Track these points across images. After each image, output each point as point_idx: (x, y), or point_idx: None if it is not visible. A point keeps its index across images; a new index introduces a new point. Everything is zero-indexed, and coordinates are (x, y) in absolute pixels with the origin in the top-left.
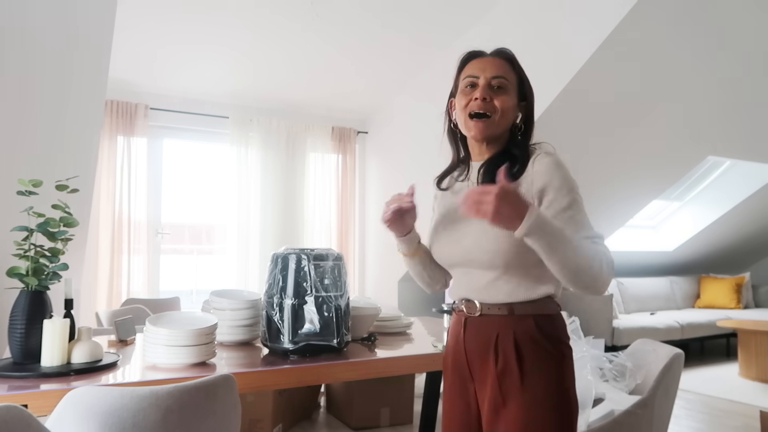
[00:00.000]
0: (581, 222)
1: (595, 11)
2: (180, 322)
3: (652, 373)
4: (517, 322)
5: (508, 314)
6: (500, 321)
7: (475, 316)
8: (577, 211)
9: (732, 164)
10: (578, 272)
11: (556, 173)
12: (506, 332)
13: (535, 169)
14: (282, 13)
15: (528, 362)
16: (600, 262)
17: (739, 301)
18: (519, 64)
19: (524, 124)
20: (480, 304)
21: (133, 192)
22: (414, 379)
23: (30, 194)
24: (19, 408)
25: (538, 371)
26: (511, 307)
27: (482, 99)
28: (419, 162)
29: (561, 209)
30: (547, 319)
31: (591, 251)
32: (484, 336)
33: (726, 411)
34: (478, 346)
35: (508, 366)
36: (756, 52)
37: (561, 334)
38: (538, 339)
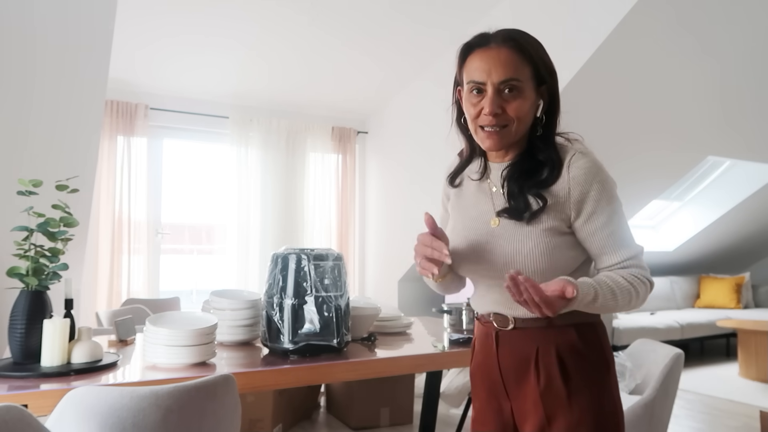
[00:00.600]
0: (621, 238)
1: (594, 12)
2: (180, 322)
3: (652, 373)
4: (558, 334)
5: (546, 326)
6: (538, 334)
7: (507, 329)
8: (617, 225)
9: (732, 164)
10: (615, 310)
11: (594, 180)
12: (547, 346)
13: (572, 174)
14: (282, 14)
15: (574, 378)
16: (638, 295)
17: (739, 301)
18: (531, 45)
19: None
20: (513, 318)
21: (133, 192)
22: (414, 379)
23: (30, 194)
24: (19, 408)
25: (586, 386)
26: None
27: (493, 114)
28: (419, 162)
29: (600, 225)
30: (589, 328)
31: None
32: (522, 351)
33: (726, 411)
34: (515, 362)
35: (552, 383)
36: (757, 52)
37: (604, 342)
38: (582, 350)
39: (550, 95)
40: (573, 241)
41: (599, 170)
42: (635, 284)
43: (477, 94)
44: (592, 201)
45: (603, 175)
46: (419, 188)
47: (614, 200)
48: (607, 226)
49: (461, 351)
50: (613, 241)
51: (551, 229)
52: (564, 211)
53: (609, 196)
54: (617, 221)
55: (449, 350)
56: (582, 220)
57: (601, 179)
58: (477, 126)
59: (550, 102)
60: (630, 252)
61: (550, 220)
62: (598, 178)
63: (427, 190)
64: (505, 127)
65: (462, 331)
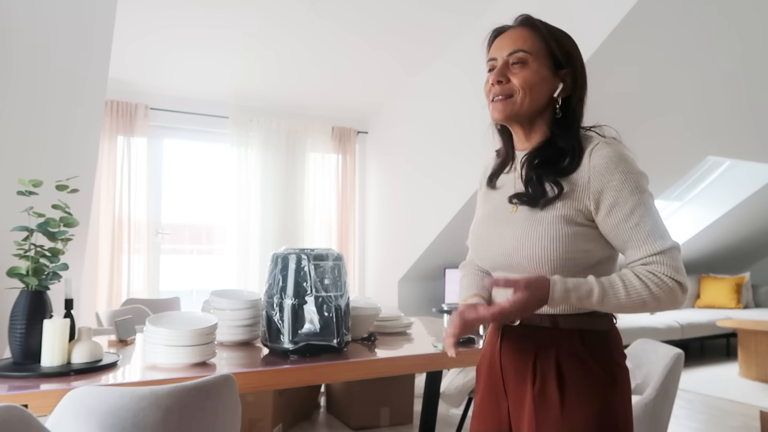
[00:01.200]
0: (648, 232)
1: (593, 14)
2: (180, 322)
3: (652, 373)
4: (561, 338)
5: (551, 327)
6: (542, 335)
7: (514, 325)
8: (643, 216)
9: (732, 164)
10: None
11: (617, 170)
12: (547, 349)
13: (592, 164)
14: (282, 13)
15: (570, 386)
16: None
17: (739, 301)
18: (546, 26)
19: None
20: None
21: (133, 192)
22: (414, 379)
23: (30, 194)
24: (19, 408)
25: (582, 397)
26: (555, 319)
27: (496, 82)
28: (419, 162)
29: (624, 217)
30: (597, 336)
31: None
32: (523, 351)
33: (726, 411)
34: (514, 361)
35: (546, 389)
36: (756, 52)
37: (614, 353)
38: (584, 358)
39: (573, 80)
40: (591, 234)
41: (623, 160)
42: (652, 284)
43: (490, 72)
44: (613, 191)
45: (628, 165)
46: (419, 188)
47: (640, 192)
48: (630, 218)
49: (461, 351)
50: (637, 234)
51: (564, 217)
52: (582, 201)
53: (633, 186)
54: (643, 213)
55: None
56: (603, 213)
57: (624, 169)
58: (489, 102)
59: (574, 89)
60: (656, 247)
61: (565, 208)
62: (621, 167)
63: (427, 190)
64: (510, 97)
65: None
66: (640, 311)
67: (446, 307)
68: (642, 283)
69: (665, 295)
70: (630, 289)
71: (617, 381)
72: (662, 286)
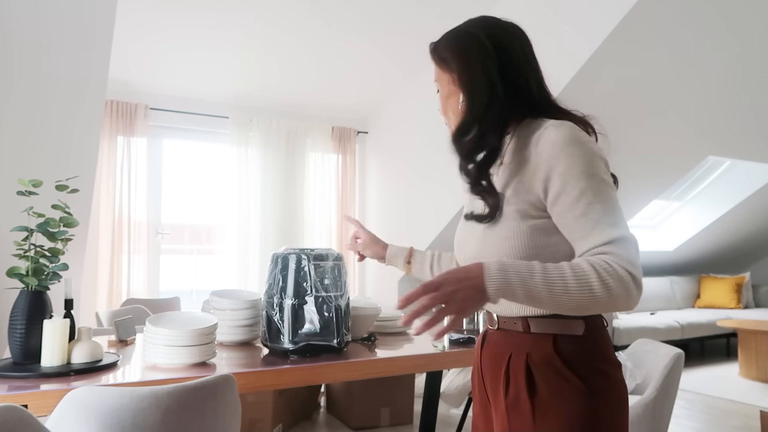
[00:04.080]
0: (595, 220)
1: (593, 13)
2: (180, 322)
3: (652, 373)
4: (533, 342)
5: (523, 331)
6: (514, 339)
7: (493, 329)
8: (590, 204)
9: (732, 164)
10: (583, 308)
11: (561, 154)
12: (519, 354)
13: (539, 150)
14: (282, 13)
15: (542, 395)
16: (605, 286)
17: (739, 301)
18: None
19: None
20: (497, 317)
21: (133, 192)
22: (414, 379)
23: (30, 194)
24: (19, 408)
25: (555, 407)
26: (527, 322)
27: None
28: (419, 162)
29: (570, 204)
30: (572, 341)
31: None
32: (498, 355)
33: (726, 411)
34: (491, 366)
35: (518, 397)
36: (756, 52)
37: (593, 360)
38: (557, 366)
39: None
40: (551, 226)
41: (570, 143)
42: (602, 270)
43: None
44: (559, 177)
45: (575, 148)
46: (419, 188)
47: (588, 177)
48: (577, 205)
49: (461, 351)
50: (583, 223)
51: (519, 212)
52: (532, 191)
53: (580, 171)
54: (591, 200)
55: (449, 350)
56: (551, 201)
57: (571, 152)
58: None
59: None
60: (604, 237)
61: (518, 203)
62: (567, 151)
63: (426, 190)
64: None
65: (462, 331)
66: (590, 304)
67: None
68: (592, 267)
69: (617, 285)
70: (578, 272)
71: (598, 389)
72: (613, 274)
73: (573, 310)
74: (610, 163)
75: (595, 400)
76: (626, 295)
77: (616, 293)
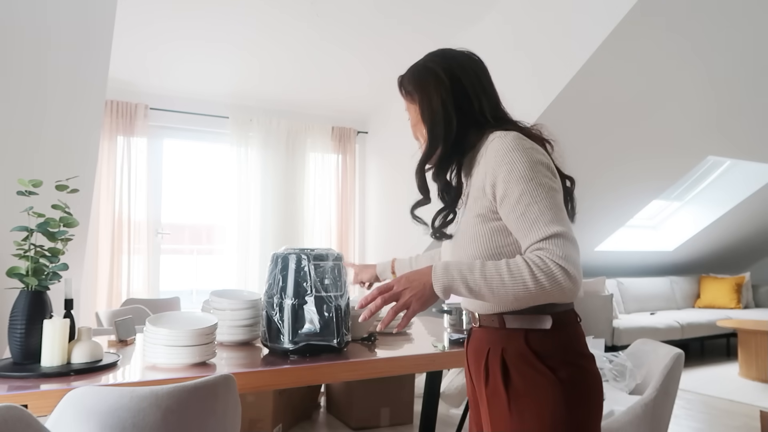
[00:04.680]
0: (532, 220)
1: (594, 12)
2: (180, 322)
3: (652, 373)
4: (507, 337)
5: (499, 327)
6: (492, 335)
7: (476, 327)
8: (528, 205)
9: (732, 164)
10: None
11: (504, 161)
12: (496, 348)
13: (486, 159)
14: (282, 13)
15: (516, 386)
16: (536, 280)
17: (739, 301)
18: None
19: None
20: (478, 315)
21: (133, 192)
22: (414, 379)
23: (30, 194)
24: (19, 408)
25: (528, 396)
26: (502, 318)
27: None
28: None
29: (511, 206)
30: (542, 335)
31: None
32: (479, 351)
33: (726, 411)
34: (475, 361)
35: (497, 388)
36: (756, 52)
37: (565, 353)
38: (529, 359)
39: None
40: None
41: (511, 150)
42: (534, 266)
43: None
44: (502, 182)
45: (515, 154)
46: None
47: (527, 180)
48: (517, 207)
49: (461, 351)
50: (523, 222)
51: (479, 216)
52: (486, 196)
53: (520, 175)
54: (528, 201)
55: (449, 350)
56: (498, 204)
57: (512, 159)
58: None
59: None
60: (540, 234)
61: (477, 207)
62: (508, 158)
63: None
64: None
65: (462, 331)
66: (526, 296)
67: (446, 307)
68: (525, 263)
69: (547, 279)
70: (513, 269)
71: (569, 380)
72: (545, 269)
73: (513, 303)
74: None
75: (567, 390)
76: (558, 288)
77: (548, 286)
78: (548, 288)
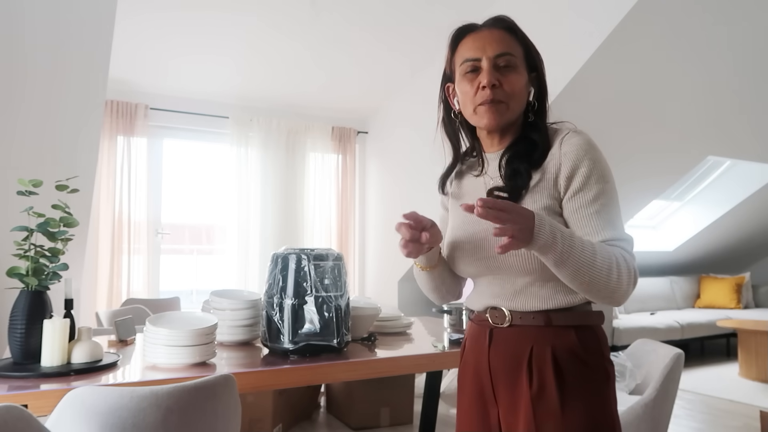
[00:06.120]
0: (608, 219)
1: (594, 12)
2: (180, 322)
3: (652, 373)
4: (556, 335)
5: (544, 325)
6: (534, 333)
7: (503, 327)
8: (604, 205)
9: (732, 164)
10: (593, 284)
11: (586, 156)
12: (542, 347)
13: (563, 150)
14: (282, 13)
15: (569, 384)
16: (619, 272)
17: (739, 301)
18: (521, 30)
19: (537, 99)
20: (510, 313)
21: (133, 192)
22: (414, 379)
23: (30, 194)
24: (19, 408)
25: (582, 396)
26: (548, 316)
27: (491, 86)
28: (419, 162)
29: (587, 202)
30: (590, 332)
31: (609, 260)
32: (515, 351)
33: (726, 411)
34: (506, 363)
35: (545, 388)
36: (756, 52)
37: (604, 349)
38: (581, 355)
39: (539, 86)
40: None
41: (592, 148)
42: (618, 254)
43: (473, 74)
44: (581, 176)
45: (597, 153)
46: (419, 188)
47: (606, 181)
48: (594, 204)
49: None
50: (598, 219)
51: (546, 208)
52: (556, 188)
53: (601, 174)
54: (606, 202)
55: (449, 350)
56: (569, 195)
57: (593, 157)
58: (475, 105)
59: (540, 89)
60: (616, 234)
61: (544, 199)
62: (590, 155)
63: (427, 190)
64: (501, 103)
65: (462, 331)
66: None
67: (446, 307)
68: (611, 250)
69: (626, 270)
70: (605, 253)
71: (610, 377)
72: (622, 262)
73: (581, 284)
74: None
75: (608, 385)
76: (625, 287)
77: (624, 277)
78: (623, 283)
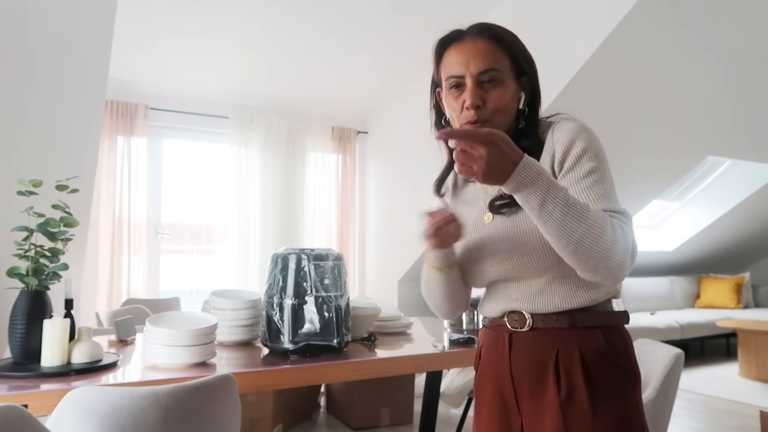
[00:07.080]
0: (601, 192)
1: (594, 12)
2: (180, 322)
3: (652, 373)
4: (582, 336)
5: (569, 327)
6: (559, 335)
7: (523, 331)
8: (598, 181)
9: (732, 164)
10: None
11: (578, 137)
12: (569, 349)
13: (555, 137)
14: (282, 13)
15: (601, 388)
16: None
17: (739, 301)
18: (507, 35)
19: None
20: (531, 316)
21: (133, 192)
22: (414, 379)
23: (30, 194)
24: (19, 408)
25: (612, 398)
26: (572, 317)
27: (474, 107)
28: (420, 162)
29: (580, 177)
30: (616, 332)
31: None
32: (540, 356)
33: (726, 411)
34: (530, 368)
35: (574, 393)
36: (756, 52)
37: (630, 350)
38: (611, 356)
39: (532, 86)
40: None
41: (585, 130)
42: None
43: (457, 89)
44: (574, 155)
45: (589, 134)
46: (419, 188)
47: (600, 160)
48: (587, 178)
49: (461, 351)
50: (591, 192)
51: None
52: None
53: (593, 153)
54: (600, 177)
55: (449, 350)
56: (562, 174)
57: (586, 138)
58: (461, 123)
59: (532, 92)
60: (612, 206)
61: None
62: (582, 136)
63: (427, 190)
64: (486, 122)
65: (462, 331)
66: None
67: None
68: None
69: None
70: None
71: (638, 378)
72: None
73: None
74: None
75: (636, 386)
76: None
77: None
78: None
